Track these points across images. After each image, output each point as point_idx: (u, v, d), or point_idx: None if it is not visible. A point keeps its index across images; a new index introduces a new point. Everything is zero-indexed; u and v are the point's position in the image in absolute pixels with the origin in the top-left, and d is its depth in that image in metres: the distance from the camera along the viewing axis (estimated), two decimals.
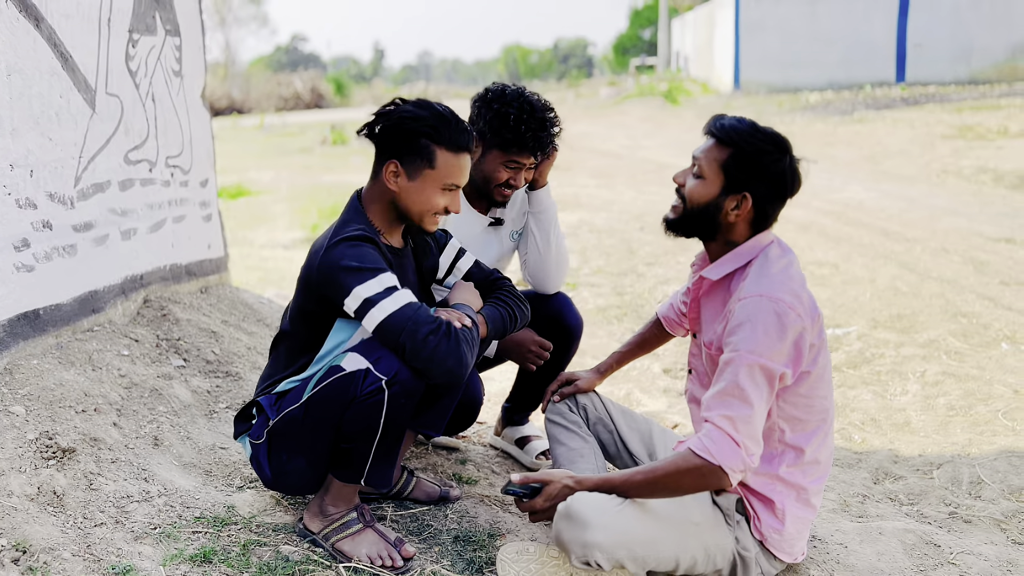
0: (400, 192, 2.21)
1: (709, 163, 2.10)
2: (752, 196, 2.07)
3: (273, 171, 13.39)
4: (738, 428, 1.94)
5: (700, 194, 2.11)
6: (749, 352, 1.96)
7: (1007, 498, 2.85)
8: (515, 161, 2.68)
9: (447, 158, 2.19)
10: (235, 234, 7.70)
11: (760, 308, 1.98)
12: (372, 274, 2.10)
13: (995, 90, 17.29)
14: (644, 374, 4.22)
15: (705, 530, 2.12)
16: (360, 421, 2.12)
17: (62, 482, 2.27)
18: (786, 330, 1.98)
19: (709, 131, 2.13)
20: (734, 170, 2.07)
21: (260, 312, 4.03)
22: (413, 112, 2.18)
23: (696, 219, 2.14)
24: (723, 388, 1.98)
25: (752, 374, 1.96)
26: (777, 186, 2.08)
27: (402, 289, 2.12)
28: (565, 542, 2.10)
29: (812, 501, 2.21)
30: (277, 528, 2.36)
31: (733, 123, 2.09)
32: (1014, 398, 3.71)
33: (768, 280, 2.03)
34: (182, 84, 3.83)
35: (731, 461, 1.94)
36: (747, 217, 2.10)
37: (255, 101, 32.70)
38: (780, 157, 2.06)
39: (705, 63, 26.06)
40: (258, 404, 2.31)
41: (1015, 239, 6.67)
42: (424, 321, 2.07)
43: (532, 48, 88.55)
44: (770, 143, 2.06)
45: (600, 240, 7.28)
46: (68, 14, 2.92)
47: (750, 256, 2.11)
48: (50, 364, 2.72)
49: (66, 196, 2.92)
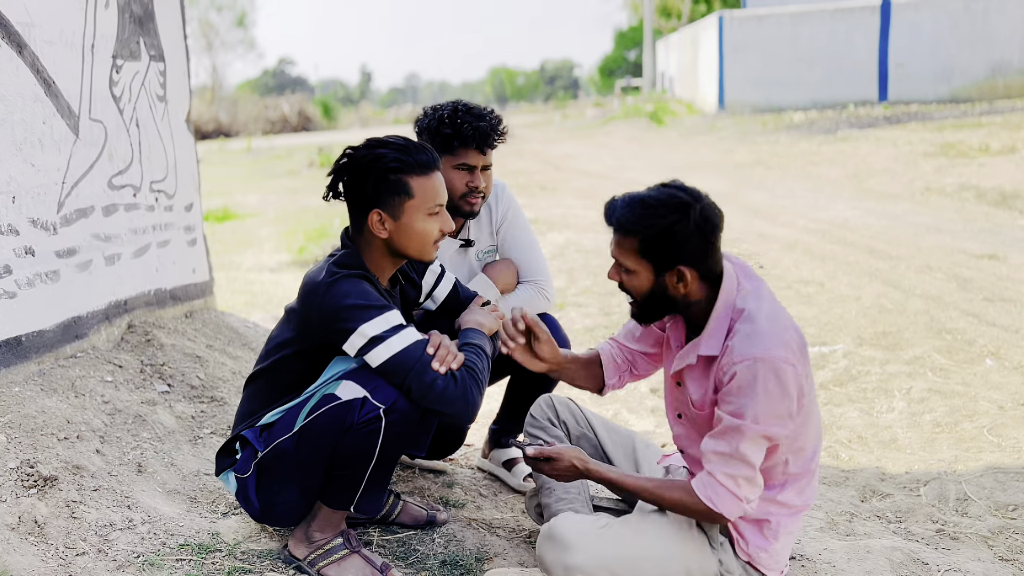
0: (392, 235, 2.18)
1: (627, 257, 2.04)
2: (686, 264, 2.01)
3: (260, 194, 13.38)
4: (740, 485, 2.00)
5: (638, 286, 2.07)
6: (754, 422, 1.96)
7: (993, 514, 2.86)
8: (464, 163, 2.70)
9: (421, 182, 2.16)
10: (222, 258, 7.68)
11: (758, 372, 1.94)
12: (378, 312, 2.08)
13: (976, 108, 17.47)
14: (631, 394, 4.21)
15: (688, 553, 2.11)
16: (355, 449, 2.10)
17: (43, 511, 2.25)
18: (787, 388, 1.96)
19: (609, 224, 2.07)
20: (652, 254, 2.01)
21: (245, 336, 4.02)
22: (371, 154, 2.15)
23: (653, 306, 2.10)
24: (726, 451, 1.99)
25: (755, 442, 1.98)
26: (700, 242, 2.00)
27: (408, 327, 2.12)
28: (547, 564, 2.09)
29: (801, 516, 2.22)
30: (262, 555, 2.34)
31: (625, 212, 2.01)
32: (999, 414, 3.72)
33: (760, 338, 1.97)
34: (166, 109, 3.83)
35: (731, 510, 2.02)
36: (695, 280, 2.03)
37: (242, 124, 32.73)
38: (684, 220, 1.96)
39: (690, 84, 26.26)
40: (242, 438, 2.27)
41: (998, 255, 6.72)
42: (428, 364, 2.08)
43: (518, 70, 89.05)
44: (669, 212, 1.97)
45: (587, 260, 7.29)
46: (51, 40, 2.93)
47: (728, 317, 2.04)
48: (32, 391, 2.70)
49: (49, 222, 2.91)
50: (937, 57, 20.30)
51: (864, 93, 20.73)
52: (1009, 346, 4.55)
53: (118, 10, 3.38)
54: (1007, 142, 12.31)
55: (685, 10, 36.99)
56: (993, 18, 19.78)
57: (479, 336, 2.28)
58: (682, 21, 35.89)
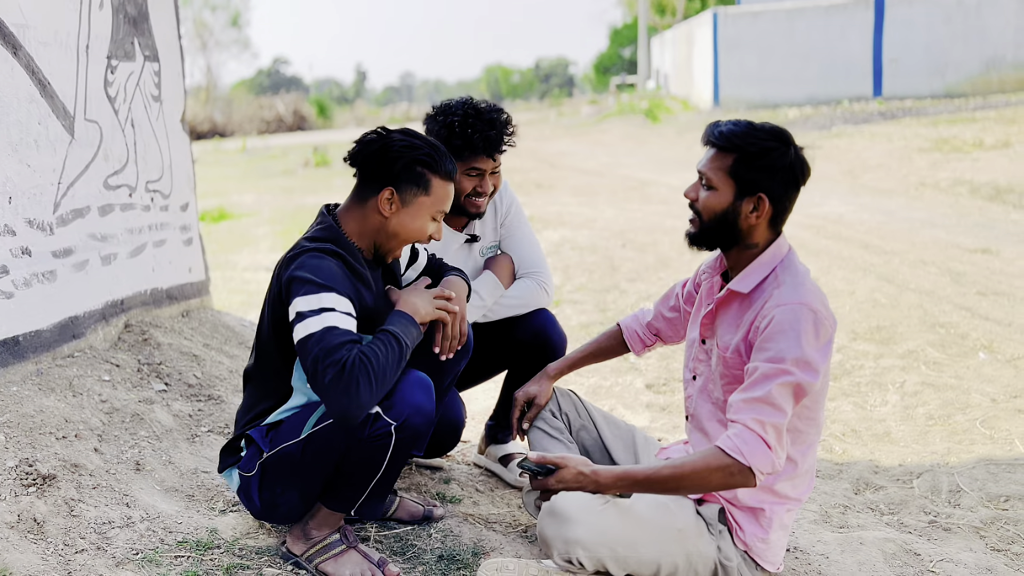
0: (392, 218, 2.21)
1: (715, 172, 2.08)
2: (768, 196, 2.06)
3: (255, 194, 13.39)
4: (768, 432, 1.95)
5: (714, 204, 2.10)
6: (793, 363, 1.96)
7: (986, 506, 2.89)
8: (474, 168, 2.72)
9: (440, 186, 2.23)
10: (218, 257, 7.69)
11: (801, 316, 1.98)
12: (316, 289, 2.03)
13: (970, 103, 17.51)
14: (627, 389, 4.24)
15: (688, 537, 2.13)
16: (362, 460, 2.13)
17: (42, 509, 2.26)
18: (821, 338, 2.00)
19: (708, 140, 2.12)
20: (743, 174, 2.06)
21: (242, 335, 4.03)
22: (409, 142, 2.20)
23: (716, 230, 2.12)
24: (757, 396, 1.97)
25: (786, 390, 1.97)
26: (789, 179, 2.07)
27: (337, 312, 2.02)
28: (548, 538, 2.11)
29: (795, 511, 2.24)
30: (260, 551, 2.36)
31: (731, 127, 2.07)
32: (992, 407, 3.75)
33: (804, 290, 2.04)
34: (161, 109, 3.85)
35: (761, 463, 1.94)
36: (767, 217, 2.09)
37: (237, 124, 32.71)
38: (785, 150, 2.05)
39: (685, 81, 26.28)
40: (247, 436, 2.29)
41: (991, 249, 6.75)
42: (331, 350, 1.95)
43: (513, 68, 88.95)
44: (772, 138, 2.05)
45: (582, 257, 7.31)
46: (46, 42, 2.94)
47: (773, 265, 2.11)
48: (30, 391, 2.71)
49: (45, 222, 2.93)
50: (931, 52, 20.33)
51: (858, 89, 20.76)
52: (1002, 339, 4.58)
53: (112, 11, 3.40)
54: (1001, 137, 12.35)
55: (680, 7, 37.00)
56: (986, 13, 19.82)
57: (403, 322, 2.12)
58: (677, 18, 35.90)
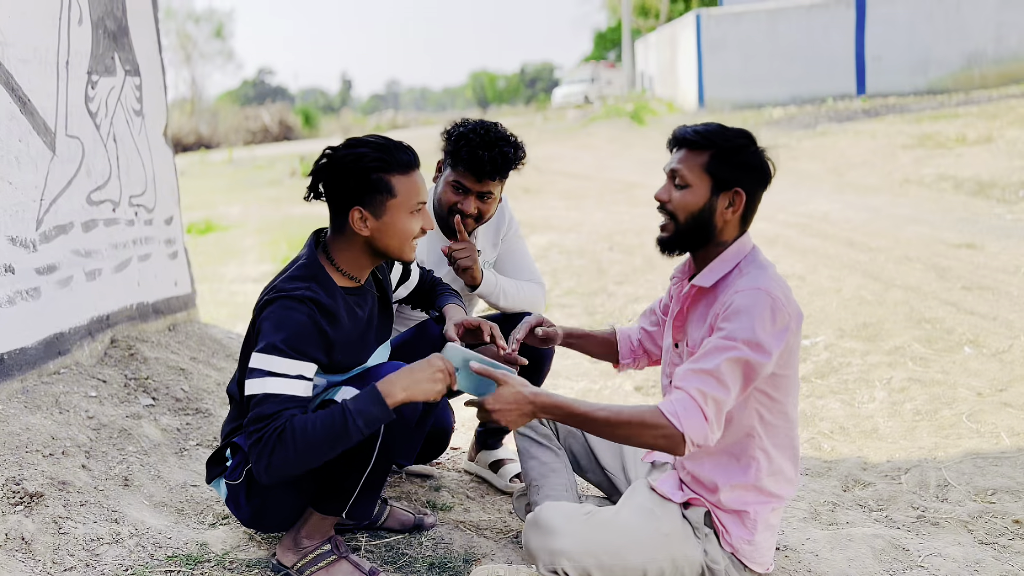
0: (373, 233, 2.16)
1: (691, 169, 2.12)
2: (744, 190, 2.11)
3: (242, 205, 13.36)
4: (708, 404, 1.96)
5: (690, 202, 2.12)
6: (743, 342, 1.98)
7: (973, 499, 2.90)
8: (460, 183, 2.71)
9: (402, 181, 2.15)
10: (205, 270, 7.67)
11: (758, 300, 2.02)
12: (271, 350, 2.01)
13: (953, 99, 17.63)
14: (616, 392, 4.25)
15: (673, 541, 2.14)
16: (351, 454, 2.11)
17: (30, 527, 2.25)
18: (777, 323, 2.02)
19: (679, 140, 2.16)
20: (719, 169, 2.10)
21: (229, 347, 4.02)
22: (352, 153, 2.13)
23: (691, 230, 2.15)
24: (705, 368, 1.98)
25: (735, 366, 1.98)
26: (761, 175, 2.13)
27: (282, 379, 2.01)
28: (533, 550, 2.11)
29: (780, 510, 2.24)
30: (251, 564, 2.35)
31: (701, 128, 2.13)
32: (978, 401, 3.77)
33: (766, 277, 2.08)
34: (143, 123, 3.84)
35: (695, 433, 1.95)
36: (740, 214, 2.13)
37: (223, 135, 32.63)
38: (755, 148, 2.13)
39: (669, 83, 26.36)
40: (233, 444, 2.27)
41: (975, 244, 6.80)
42: (261, 418, 1.97)
43: (499, 73, 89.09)
44: (742, 137, 2.12)
45: (570, 261, 7.33)
46: (25, 58, 2.93)
47: (737, 259, 2.14)
48: (16, 409, 2.70)
49: (28, 239, 2.92)
50: (913, 49, 20.45)
51: (842, 87, 20.87)
52: (987, 333, 4.61)
53: (92, 26, 3.39)
54: (983, 132, 12.44)
55: (663, 9, 37.15)
56: (966, 9, 19.96)
57: (367, 401, 2.01)
58: (660, 20, 36.04)
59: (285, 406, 1.98)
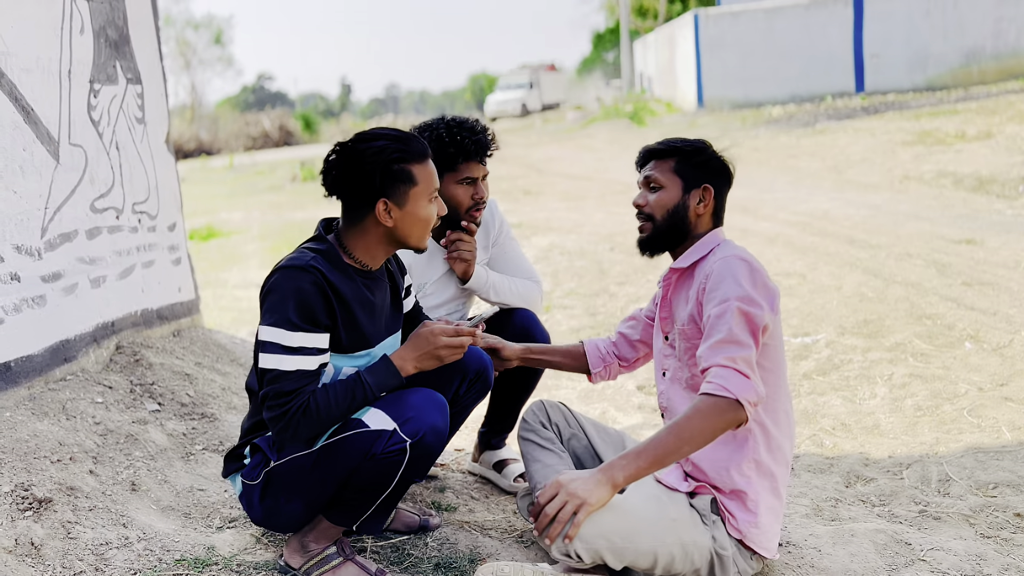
0: (396, 223, 2.18)
1: (662, 173, 2.35)
2: (712, 186, 2.33)
3: (244, 211, 13.39)
4: (740, 364, 2.06)
5: (665, 201, 2.34)
6: (737, 299, 2.12)
7: (974, 494, 2.92)
8: (467, 177, 2.77)
9: (421, 169, 2.19)
10: (208, 276, 7.70)
11: (733, 264, 2.18)
12: (282, 323, 2.06)
13: (951, 96, 17.65)
14: (618, 392, 4.27)
15: (682, 526, 2.17)
16: (373, 476, 2.13)
17: (39, 533, 2.28)
18: (757, 281, 2.17)
19: (646, 154, 2.41)
20: (686, 169, 2.33)
21: (233, 352, 4.05)
22: (372, 146, 2.15)
23: (668, 227, 2.34)
24: (719, 338, 2.09)
25: (740, 321, 2.10)
26: (724, 174, 2.37)
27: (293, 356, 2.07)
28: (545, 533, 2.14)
29: (780, 490, 2.28)
30: (258, 566, 2.37)
31: (663, 140, 2.38)
32: (979, 395, 3.79)
33: (737, 249, 2.26)
34: (146, 131, 3.87)
35: (746, 392, 2.02)
36: (711, 208, 2.34)
37: (224, 142, 32.72)
38: (712, 151, 2.38)
39: (668, 83, 26.39)
40: (254, 445, 2.29)
41: (975, 240, 6.81)
42: (280, 394, 2.06)
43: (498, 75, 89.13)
44: (699, 142, 2.37)
45: (571, 262, 7.35)
46: (28, 68, 2.96)
47: (712, 245, 2.33)
48: (23, 415, 2.73)
49: (33, 247, 2.94)
50: (911, 46, 20.48)
51: (841, 85, 20.90)
52: (987, 329, 4.63)
53: (93, 35, 3.42)
54: (983, 128, 12.45)
55: (661, 9, 37.20)
56: (964, 5, 19.98)
57: (383, 373, 2.17)
58: (658, 21, 36.08)
59: (303, 383, 2.09)
